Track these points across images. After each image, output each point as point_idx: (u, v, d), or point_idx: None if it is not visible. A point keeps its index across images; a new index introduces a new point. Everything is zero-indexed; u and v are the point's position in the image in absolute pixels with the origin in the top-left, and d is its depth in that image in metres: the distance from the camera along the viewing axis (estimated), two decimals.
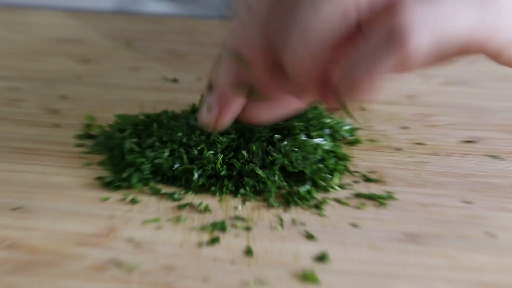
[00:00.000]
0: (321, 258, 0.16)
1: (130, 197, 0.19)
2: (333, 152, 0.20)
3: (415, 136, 0.23)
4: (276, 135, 0.20)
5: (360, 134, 0.23)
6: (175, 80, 0.28)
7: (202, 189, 0.19)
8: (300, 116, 0.20)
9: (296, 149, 0.19)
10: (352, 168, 0.20)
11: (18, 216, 0.17)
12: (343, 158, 0.21)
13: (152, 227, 0.17)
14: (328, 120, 0.21)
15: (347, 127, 0.22)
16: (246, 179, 0.19)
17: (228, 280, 0.15)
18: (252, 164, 0.19)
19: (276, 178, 0.19)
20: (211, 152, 0.19)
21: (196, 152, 0.19)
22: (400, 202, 0.18)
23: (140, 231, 0.17)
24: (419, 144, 0.22)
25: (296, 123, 0.20)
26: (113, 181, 0.19)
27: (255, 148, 0.19)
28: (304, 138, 0.20)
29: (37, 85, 0.28)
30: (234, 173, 0.19)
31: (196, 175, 0.19)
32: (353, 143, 0.22)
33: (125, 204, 0.18)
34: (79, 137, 0.22)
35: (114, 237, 0.16)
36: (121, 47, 0.33)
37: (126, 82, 0.28)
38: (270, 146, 0.19)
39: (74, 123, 0.23)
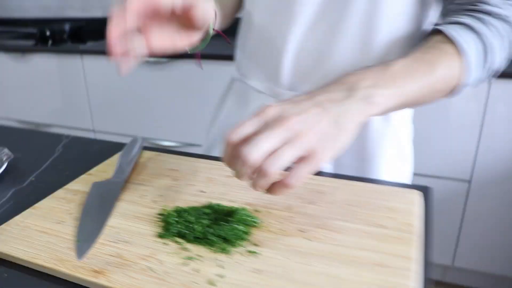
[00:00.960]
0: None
1: (164, 240, 0.46)
2: (245, 232, 0.46)
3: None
4: (221, 222, 0.47)
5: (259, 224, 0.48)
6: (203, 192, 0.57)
7: (190, 242, 0.46)
8: (232, 215, 0.48)
9: (227, 229, 0.46)
10: (248, 240, 0.46)
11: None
12: (247, 233, 0.46)
13: (170, 251, 0.44)
14: (246, 217, 0.48)
15: (256, 221, 0.49)
16: (208, 239, 0.46)
17: (185, 279, 0.42)
18: (209, 234, 0.46)
19: (219, 240, 0.45)
20: (198, 227, 0.47)
21: (192, 227, 0.47)
22: (260, 256, 0.43)
23: (164, 251, 0.45)
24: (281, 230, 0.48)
25: (230, 219, 0.47)
26: (161, 235, 0.47)
27: (213, 230, 0.46)
28: (229, 225, 0.46)
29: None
30: (203, 236, 0.45)
31: (190, 236, 0.46)
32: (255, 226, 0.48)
33: (163, 242, 0.46)
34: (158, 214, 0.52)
35: (155, 254, 0.45)
36: None
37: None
38: (217, 226, 0.46)
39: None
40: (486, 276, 1.66)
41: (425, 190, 0.58)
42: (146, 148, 0.70)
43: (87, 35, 2.28)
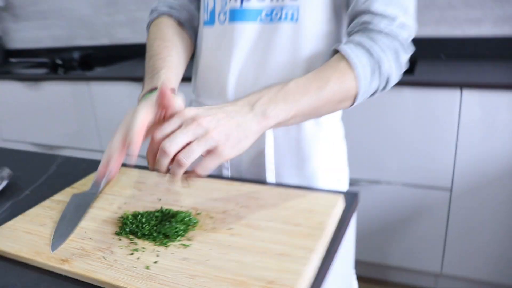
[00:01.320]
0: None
1: (120, 236, 0.59)
2: (183, 230, 0.58)
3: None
4: (166, 222, 0.59)
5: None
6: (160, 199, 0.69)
7: (139, 237, 0.58)
8: (175, 217, 0.60)
9: (168, 227, 0.58)
10: (184, 236, 0.58)
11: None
12: (184, 231, 0.58)
13: (122, 245, 0.56)
14: (185, 219, 0.60)
15: (194, 221, 0.60)
16: (152, 235, 0.58)
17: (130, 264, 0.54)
18: (154, 232, 0.58)
19: (161, 236, 0.58)
20: (146, 227, 0.59)
21: (142, 226, 0.60)
22: (190, 248, 0.55)
23: (118, 245, 0.57)
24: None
25: (172, 220, 0.59)
26: (118, 233, 0.60)
27: (158, 228, 0.59)
28: (171, 224, 0.59)
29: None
30: (149, 233, 0.58)
31: (139, 234, 0.59)
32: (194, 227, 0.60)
33: (119, 238, 0.58)
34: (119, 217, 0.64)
35: (110, 247, 0.57)
36: None
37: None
38: (162, 225, 0.59)
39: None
40: (475, 283, 1.72)
41: (350, 195, 0.69)
42: (123, 165, 0.83)
43: (95, 61, 2.45)
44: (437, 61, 1.87)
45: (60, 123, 2.28)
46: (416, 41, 2.11)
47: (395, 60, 0.66)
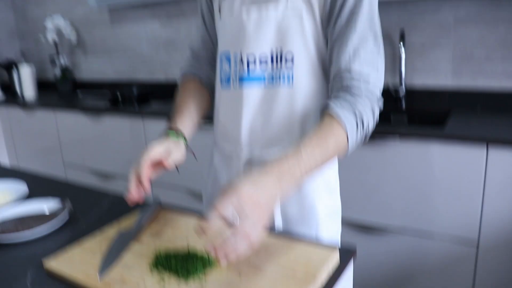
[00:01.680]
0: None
1: (152, 268, 0.73)
2: (202, 268, 0.72)
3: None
4: (189, 260, 0.73)
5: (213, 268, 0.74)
6: (188, 240, 0.84)
7: (167, 270, 0.72)
8: (197, 256, 0.74)
9: (190, 264, 0.72)
10: (202, 273, 0.71)
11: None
12: (202, 268, 0.72)
13: (153, 275, 0.70)
14: (205, 259, 0.74)
15: (212, 262, 0.74)
16: (177, 269, 0.72)
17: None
18: (179, 267, 0.72)
19: (184, 271, 0.72)
20: (173, 262, 0.74)
21: (170, 262, 0.74)
22: (205, 283, 0.69)
23: (149, 275, 0.71)
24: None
25: (195, 258, 0.73)
26: (150, 265, 0.75)
27: (182, 264, 0.73)
28: (193, 262, 0.72)
29: None
30: (174, 267, 0.72)
31: (167, 267, 0.73)
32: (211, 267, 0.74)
33: (151, 270, 0.73)
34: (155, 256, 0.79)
35: (143, 276, 0.72)
36: None
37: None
38: (186, 262, 0.73)
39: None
40: None
41: (347, 251, 0.80)
42: (162, 206, 0.99)
43: (151, 95, 2.70)
44: (472, 113, 1.89)
45: (116, 154, 2.52)
46: (451, 93, 2.14)
47: (372, 115, 0.83)
